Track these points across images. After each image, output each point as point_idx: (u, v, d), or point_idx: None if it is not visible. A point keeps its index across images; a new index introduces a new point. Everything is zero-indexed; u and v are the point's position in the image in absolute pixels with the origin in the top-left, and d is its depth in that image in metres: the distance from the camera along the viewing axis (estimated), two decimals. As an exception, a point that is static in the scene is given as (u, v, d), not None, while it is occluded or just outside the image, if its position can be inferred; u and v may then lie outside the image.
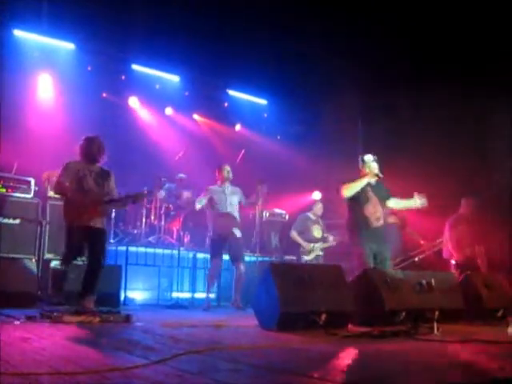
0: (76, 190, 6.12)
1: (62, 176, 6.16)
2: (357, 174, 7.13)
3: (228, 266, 9.10)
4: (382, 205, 7.09)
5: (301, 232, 9.85)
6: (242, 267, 8.40)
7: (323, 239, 9.90)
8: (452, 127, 9.52)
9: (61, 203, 6.43)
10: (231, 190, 8.57)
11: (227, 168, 8.63)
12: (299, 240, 9.80)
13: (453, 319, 6.23)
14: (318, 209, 10.14)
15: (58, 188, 6.24)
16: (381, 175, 7.04)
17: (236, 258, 8.43)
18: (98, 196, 6.21)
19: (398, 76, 9.99)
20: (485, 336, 4.90)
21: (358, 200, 6.97)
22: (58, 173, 6.25)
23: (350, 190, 6.91)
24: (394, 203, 7.26)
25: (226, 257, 9.38)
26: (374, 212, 6.97)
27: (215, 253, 8.39)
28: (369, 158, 7.10)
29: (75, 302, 6.02)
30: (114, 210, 8.88)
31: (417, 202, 6.97)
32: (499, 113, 9.46)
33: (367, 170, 7.06)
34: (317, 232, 9.88)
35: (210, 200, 8.41)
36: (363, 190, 6.98)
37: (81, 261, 6.46)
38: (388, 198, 7.21)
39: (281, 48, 10.51)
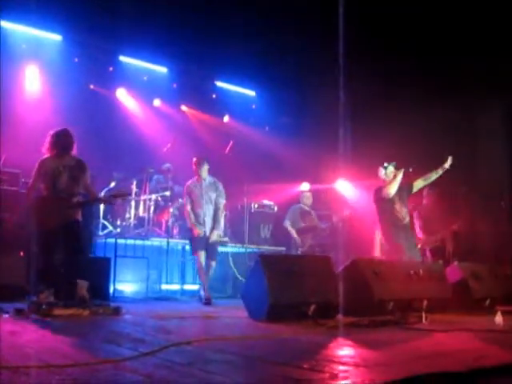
0: (49, 190, 6.13)
1: (36, 179, 6.20)
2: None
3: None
4: (405, 204, 7.92)
5: (293, 223, 9.91)
6: (213, 264, 8.29)
7: (315, 229, 9.99)
8: (442, 124, 9.57)
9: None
10: (208, 184, 8.38)
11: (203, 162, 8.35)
12: (293, 232, 9.86)
13: (441, 309, 6.29)
14: (308, 199, 10.23)
15: (30, 192, 6.30)
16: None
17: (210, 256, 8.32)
18: (70, 196, 6.19)
19: (389, 71, 9.99)
20: (472, 325, 4.95)
21: (389, 203, 7.75)
22: (33, 174, 6.25)
23: (393, 188, 7.72)
24: (422, 182, 8.07)
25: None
26: (401, 211, 7.79)
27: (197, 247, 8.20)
28: (393, 165, 7.90)
29: (67, 295, 5.99)
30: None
31: (444, 166, 7.87)
32: (490, 111, 9.55)
33: (391, 176, 7.86)
34: (309, 223, 9.94)
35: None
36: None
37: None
38: (411, 188, 7.98)
39: (269, 39, 10.46)
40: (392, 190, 7.71)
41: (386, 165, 7.93)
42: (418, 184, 8.05)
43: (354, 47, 9.04)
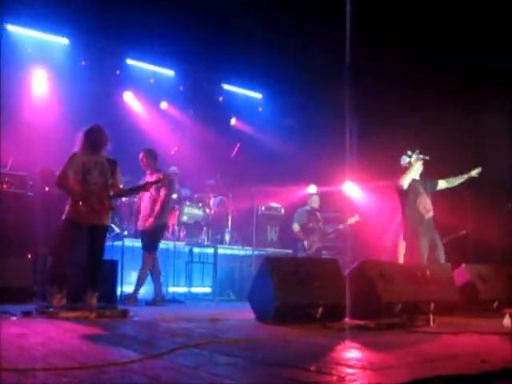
0: (81, 184, 5.86)
1: (66, 168, 5.85)
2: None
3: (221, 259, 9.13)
4: (430, 197, 7.76)
5: (301, 224, 9.92)
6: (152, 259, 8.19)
7: (322, 232, 10.00)
8: (448, 125, 9.54)
9: (56, 198, 6.36)
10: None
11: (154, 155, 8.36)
12: (301, 235, 9.86)
13: (448, 311, 6.26)
14: (316, 201, 10.24)
15: (61, 181, 5.88)
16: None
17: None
18: (103, 190, 5.96)
19: (395, 72, 9.97)
20: (480, 328, 4.93)
21: (410, 195, 7.63)
22: (63, 165, 5.90)
23: (406, 180, 7.60)
24: (445, 184, 7.98)
25: (223, 250, 9.42)
26: (425, 205, 7.65)
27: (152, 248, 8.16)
28: (416, 154, 7.79)
29: (77, 300, 5.88)
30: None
31: (471, 174, 7.90)
32: (495, 111, 9.51)
33: (414, 164, 7.75)
34: (316, 225, 9.95)
35: None
36: (413, 186, 7.67)
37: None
38: (435, 185, 7.92)
39: (275, 42, 10.47)
40: (405, 182, 7.59)
41: (409, 153, 7.82)
42: (442, 184, 7.94)
43: (360, 48, 9.06)
